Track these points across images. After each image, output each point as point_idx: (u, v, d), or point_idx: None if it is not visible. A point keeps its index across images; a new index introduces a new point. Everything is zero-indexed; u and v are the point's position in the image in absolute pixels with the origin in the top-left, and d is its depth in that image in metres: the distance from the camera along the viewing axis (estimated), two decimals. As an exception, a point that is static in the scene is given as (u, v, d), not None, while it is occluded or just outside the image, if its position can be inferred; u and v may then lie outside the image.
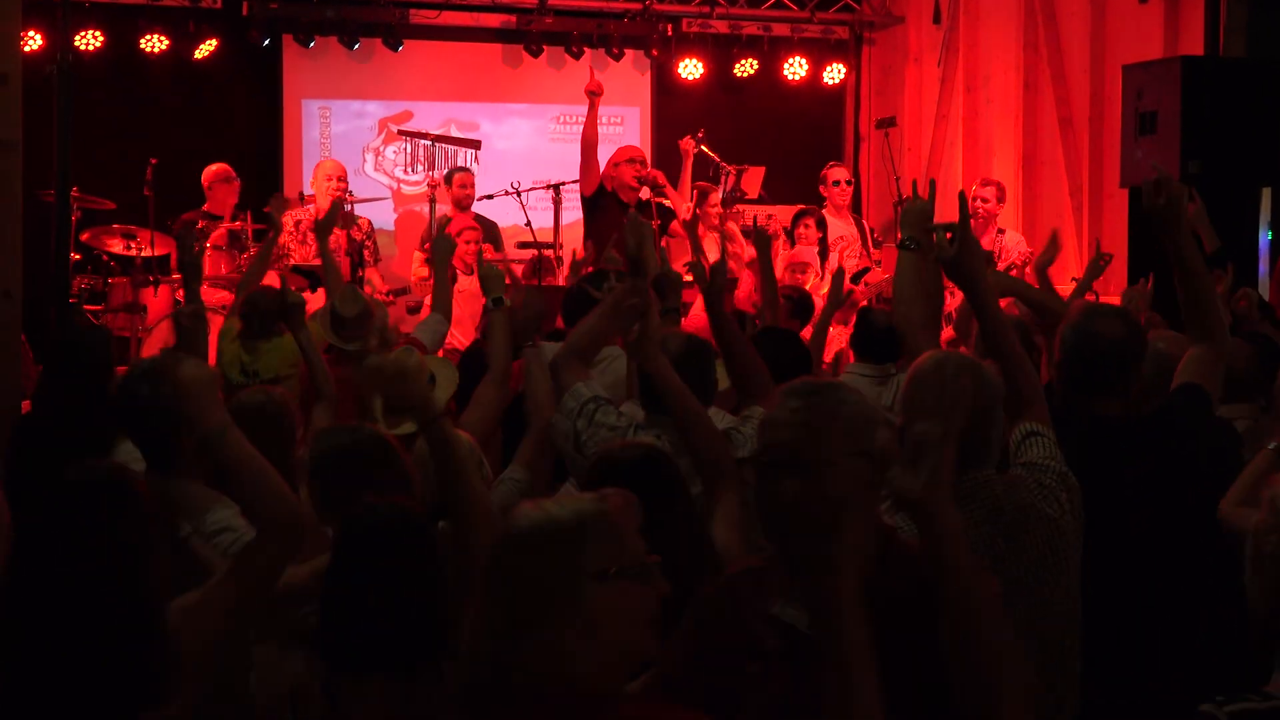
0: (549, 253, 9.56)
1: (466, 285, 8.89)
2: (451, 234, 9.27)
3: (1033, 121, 11.10)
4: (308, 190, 10.29)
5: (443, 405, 4.62)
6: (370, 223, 10.16)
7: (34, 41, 10.55)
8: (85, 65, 10.70)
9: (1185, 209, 3.98)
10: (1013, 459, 3.34)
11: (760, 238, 6.63)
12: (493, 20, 12.29)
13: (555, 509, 2.31)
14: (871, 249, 10.44)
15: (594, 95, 10.04)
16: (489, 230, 10.26)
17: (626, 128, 12.41)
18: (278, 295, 5.72)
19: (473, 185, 10.32)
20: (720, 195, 9.88)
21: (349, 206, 9.79)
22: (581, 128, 10.19)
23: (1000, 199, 10.00)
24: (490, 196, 10.21)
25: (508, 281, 5.39)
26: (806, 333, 6.68)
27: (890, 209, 11.58)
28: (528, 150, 12.35)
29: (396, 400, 3.28)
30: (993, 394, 3.21)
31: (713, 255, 9.52)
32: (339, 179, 9.86)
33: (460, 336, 8.56)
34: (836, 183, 10.46)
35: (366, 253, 9.78)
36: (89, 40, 11.25)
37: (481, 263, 5.14)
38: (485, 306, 5.00)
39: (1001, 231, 9.94)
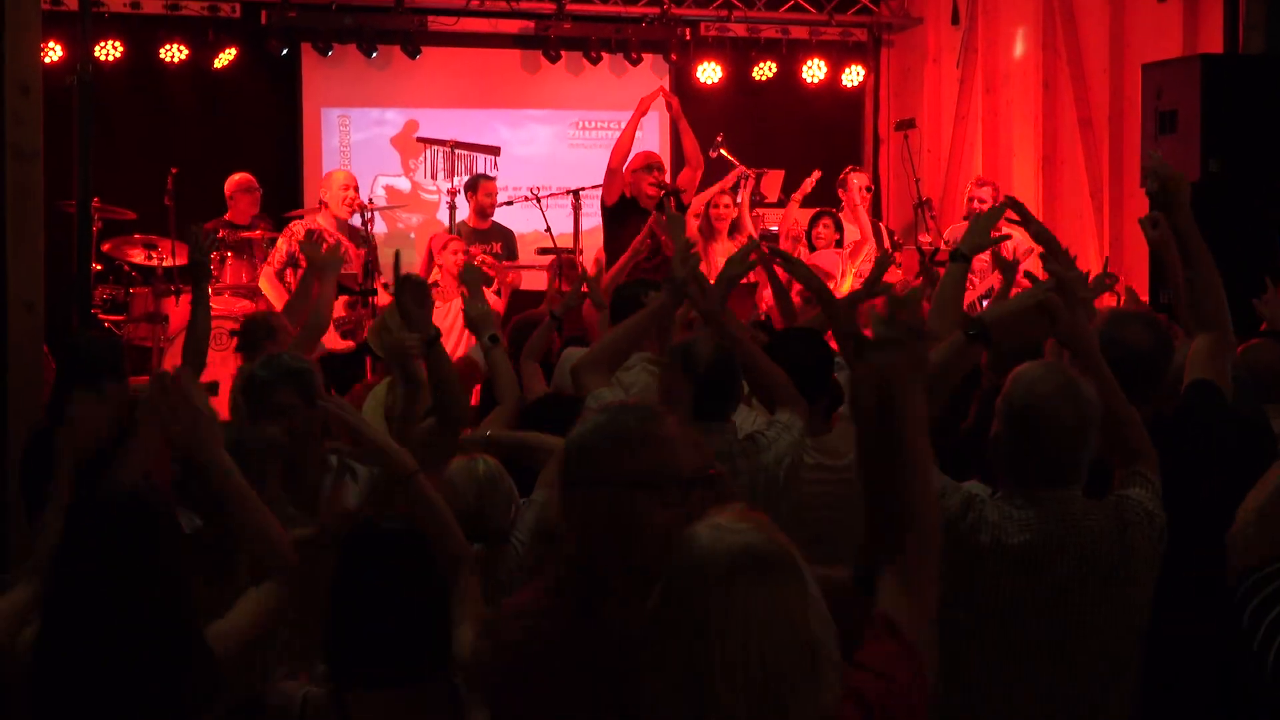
0: (569, 258, 9.54)
1: (456, 296, 8.82)
2: (439, 250, 9.28)
3: (1052, 122, 11.07)
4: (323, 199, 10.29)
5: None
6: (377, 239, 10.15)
7: (54, 52, 10.60)
8: (105, 76, 10.74)
9: (1185, 193, 3.94)
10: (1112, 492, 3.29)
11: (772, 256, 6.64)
12: (511, 26, 12.30)
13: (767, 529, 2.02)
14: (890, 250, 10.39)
15: (642, 110, 9.92)
16: (505, 239, 10.26)
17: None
18: (269, 319, 5.89)
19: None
20: (729, 198, 9.73)
21: (367, 214, 9.78)
22: (609, 132, 10.07)
23: (995, 200, 10.00)
24: (510, 203, 10.21)
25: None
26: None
27: (910, 211, 11.55)
28: (547, 156, 12.37)
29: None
30: (1088, 413, 3.13)
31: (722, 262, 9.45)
32: (353, 189, 9.88)
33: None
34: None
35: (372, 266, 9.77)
36: (109, 51, 11.29)
37: (469, 306, 5.04)
38: (483, 344, 4.97)
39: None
